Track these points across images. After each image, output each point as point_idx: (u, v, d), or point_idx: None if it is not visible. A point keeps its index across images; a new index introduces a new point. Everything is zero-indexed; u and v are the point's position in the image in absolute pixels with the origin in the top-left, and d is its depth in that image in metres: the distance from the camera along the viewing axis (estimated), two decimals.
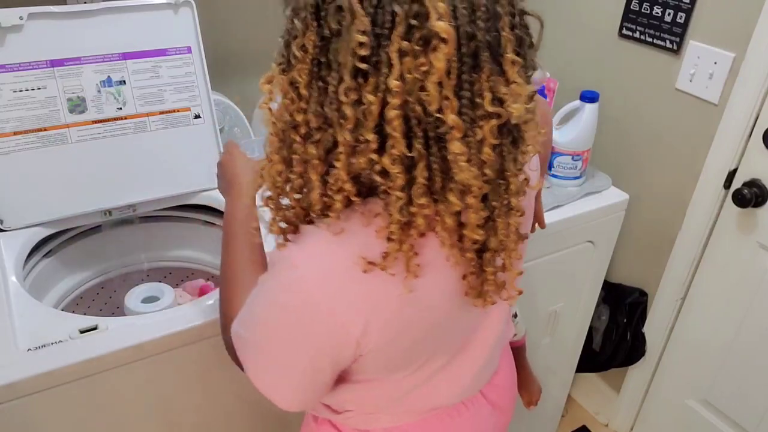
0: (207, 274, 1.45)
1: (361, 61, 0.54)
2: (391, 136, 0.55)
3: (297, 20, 0.57)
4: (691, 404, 1.69)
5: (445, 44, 0.52)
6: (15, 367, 0.88)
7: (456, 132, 0.55)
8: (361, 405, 0.79)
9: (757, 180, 1.37)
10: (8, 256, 1.12)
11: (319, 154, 0.60)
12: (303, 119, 0.59)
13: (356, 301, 0.62)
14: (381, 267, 0.59)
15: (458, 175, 0.56)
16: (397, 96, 0.53)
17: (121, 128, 1.24)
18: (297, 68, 0.58)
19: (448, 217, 0.59)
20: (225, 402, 1.12)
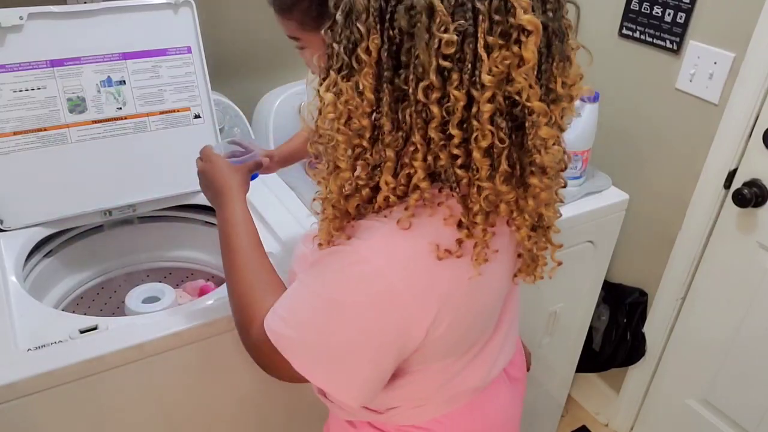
0: (207, 275, 1.45)
1: (445, 59, 0.54)
2: (480, 129, 0.56)
3: (358, 24, 0.57)
4: (691, 404, 1.69)
5: (532, 35, 0.54)
6: (15, 367, 0.88)
7: (543, 118, 0.57)
8: (409, 399, 0.78)
9: (757, 180, 1.37)
10: (8, 256, 1.12)
11: (392, 155, 0.60)
12: (368, 123, 0.59)
13: (431, 289, 0.63)
14: (456, 255, 0.61)
15: (540, 159, 0.58)
16: (488, 90, 0.54)
17: (121, 128, 1.24)
18: (362, 73, 0.57)
19: (530, 200, 0.61)
20: (225, 402, 1.12)
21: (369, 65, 0.57)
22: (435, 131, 0.57)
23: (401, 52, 0.56)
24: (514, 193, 0.61)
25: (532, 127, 0.57)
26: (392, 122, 0.58)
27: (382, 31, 0.56)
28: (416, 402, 0.78)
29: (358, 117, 0.59)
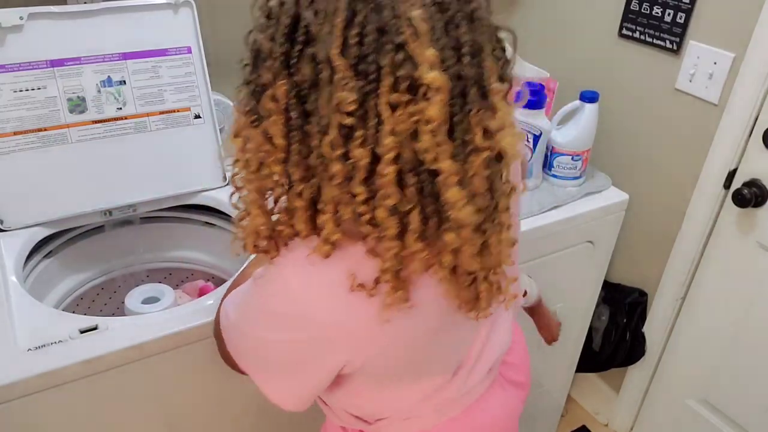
0: (207, 275, 1.45)
1: (348, 116, 0.50)
2: (384, 189, 0.52)
3: (264, 69, 0.54)
4: (691, 404, 1.69)
5: (438, 93, 0.50)
6: (15, 367, 0.88)
7: (452, 177, 0.53)
8: (395, 410, 0.78)
9: (757, 180, 1.37)
10: (8, 256, 1.12)
11: (305, 204, 0.57)
12: (281, 170, 0.56)
13: (341, 317, 0.61)
14: (370, 293, 0.58)
15: (456, 215, 0.54)
16: (392, 150, 0.51)
17: (122, 128, 1.24)
18: (271, 120, 0.54)
19: (446, 256, 0.57)
20: (225, 402, 1.12)
21: (277, 112, 0.54)
22: (337, 188, 0.53)
23: (308, 101, 0.53)
24: (428, 250, 0.56)
25: (441, 187, 0.53)
26: (302, 171, 0.55)
27: (288, 77, 0.52)
28: (403, 414, 0.78)
29: (269, 164, 0.56)
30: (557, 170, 1.48)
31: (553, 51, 1.73)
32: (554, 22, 1.72)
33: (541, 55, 1.73)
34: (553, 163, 1.48)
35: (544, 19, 1.75)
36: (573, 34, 1.67)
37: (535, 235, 1.35)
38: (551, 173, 1.49)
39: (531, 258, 1.40)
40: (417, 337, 0.66)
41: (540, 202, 1.41)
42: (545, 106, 1.45)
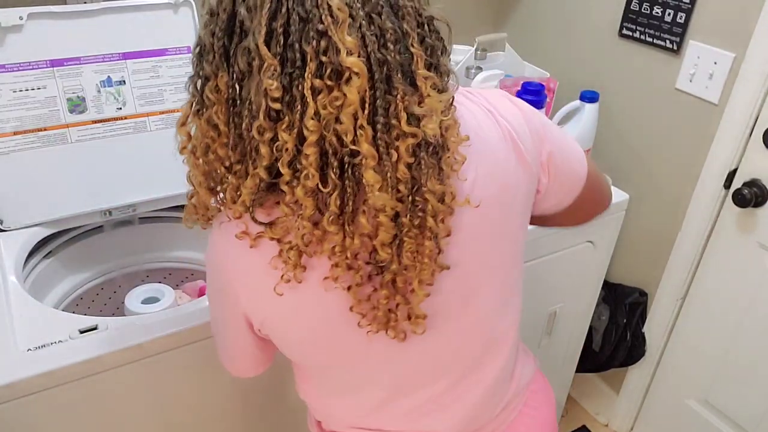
0: None
1: (274, 101, 0.54)
2: (306, 170, 0.55)
3: (206, 63, 0.57)
4: (691, 404, 1.69)
5: (357, 77, 0.53)
6: (15, 367, 0.88)
7: (370, 161, 0.55)
8: (341, 419, 0.82)
9: (757, 180, 1.37)
10: (8, 256, 1.12)
11: (238, 183, 0.60)
12: (225, 153, 0.60)
13: (242, 268, 0.66)
14: (251, 244, 0.62)
15: (373, 200, 0.56)
16: (313, 133, 0.54)
17: (121, 128, 1.24)
18: (214, 109, 0.58)
19: (356, 238, 0.58)
20: (225, 402, 1.12)
21: (219, 102, 0.58)
22: (263, 170, 0.57)
23: (242, 90, 0.56)
24: (342, 233, 0.58)
25: (359, 170, 0.56)
26: (238, 155, 0.59)
27: (228, 69, 0.56)
28: (348, 423, 0.81)
29: (215, 149, 0.60)
30: None
31: (553, 51, 1.73)
32: (554, 22, 1.72)
33: (541, 55, 1.73)
34: None
35: (544, 19, 1.75)
36: (573, 34, 1.67)
37: (535, 235, 1.35)
38: None
39: (531, 258, 1.40)
40: (316, 318, 0.67)
41: None
42: (545, 106, 1.45)
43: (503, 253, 0.74)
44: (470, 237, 0.67)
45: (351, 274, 0.61)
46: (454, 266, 0.65)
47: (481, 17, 1.88)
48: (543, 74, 1.59)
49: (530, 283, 1.47)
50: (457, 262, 0.66)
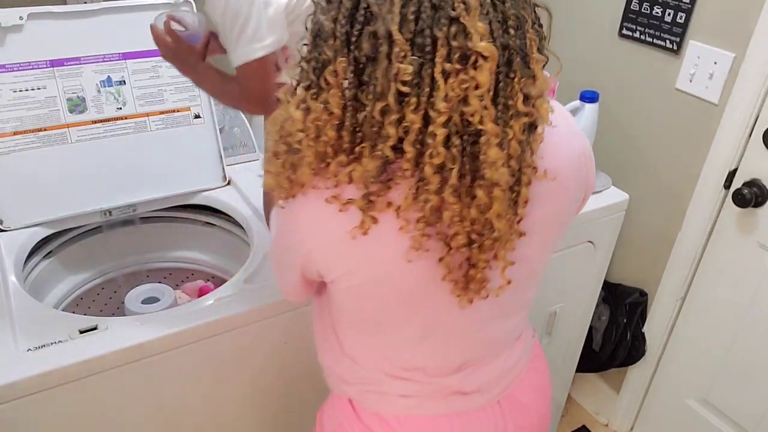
0: (207, 275, 1.45)
1: (404, 84, 0.56)
2: (433, 148, 0.58)
3: (326, 47, 0.59)
4: (691, 404, 1.69)
5: (487, 61, 0.56)
6: (15, 367, 0.88)
7: (494, 138, 0.59)
8: (361, 374, 0.83)
9: (757, 180, 1.37)
10: (8, 256, 1.12)
11: (351, 163, 0.63)
12: (335, 135, 0.62)
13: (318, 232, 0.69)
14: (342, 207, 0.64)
15: (490, 174, 0.60)
16: (444, 114, 0.57)
17: (121, 128, 1.24)
18: (330, 92, 0.60)
19: (473, 209, 0.62)
20: (224, 402, 1.12)
21: (336, 86, 0.60)
22: (388, 149, 0.59)
23: (364, 73, 0.59)
24: (460, 204, 0.62)
25: (483, 147, 0.59)
26: (351, 133, 0.61)
27: (348, 53, 0.59)
28: (371, 381, 0.82)
29: (325, 132, 0.62)
30: None
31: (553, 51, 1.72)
32: (554, 22, 1.71)
33: None
34: None
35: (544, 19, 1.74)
36: (573, 34, 1.67)
37: None
38: None
39: None
40: (399, 269, 0.69)
41: None
42: None
43: (558, 234, 0.81)
44: (541, 209, 0.72)
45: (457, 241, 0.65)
46: (529, 234, 0.70)
47: None
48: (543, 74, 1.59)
49: None
50: (530, 230, 0.70)
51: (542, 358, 0.97)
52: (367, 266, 0.69)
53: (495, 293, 0.70)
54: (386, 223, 0.64)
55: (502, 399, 0.87)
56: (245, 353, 1.08)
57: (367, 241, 0.65)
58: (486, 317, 0.79)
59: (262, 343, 1.09)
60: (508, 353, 0.87)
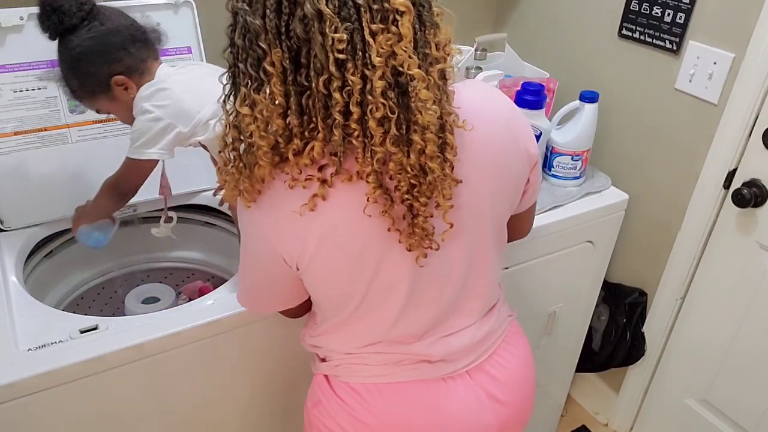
0: (207, 275, 1.45)
1: (340, 52, 0.63)
2: (374, 103, 0.65)
3: (260, 42, 0.65)
4: (691, 404, 1.69)
5: (404, 15, 0.64)
6: (15, 367, 0.88)
7: (421, 83, 0.66)
8: (334, 342, 0.89)
9: (757, 180, 1.37)
10: (8, 256, 1.12)
11: (299, 144, 0.69)
12: (282, 123, 0.68)
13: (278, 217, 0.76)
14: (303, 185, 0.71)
15: (422, 119, 0.67)
16: (379, 69, 0.64)
17: (121, 128, 1.24)
18: (272, 82, 0.66)
19: (413, 155, 0.69)
20: (225, 402, 1.12)
21: (276, 75, 0.65)
22: (338, 114, 0.66)
23: (300, 56, 0.65)
24: (400, 152, 0.68)
25: (413, 92, 0.66)
26: (299, 115, 0.67)
27: (280, 43, 0.64)
28: (342, 355, 0.89)
29: (274, 120, 0.68)
30: (557, 170, 1.48)
31: (553, 51, 1.73)
32: (554, 22, 1.72)
33: (541, 55, 1.73)
34: (552, 163, 1.48)
35: (544, 19, 1.75)
36: (573, 34, 1.67)
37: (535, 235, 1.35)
38: (551, 173, 1.49)
39: (531, 258, 1.41)
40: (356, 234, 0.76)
41: (540, 202, 1.41)
42: (545, 106, 1.45)
43: (502, 189, 0.85)
44: (473, 156, 0.77)
45: (395, 194, 0.72)
46: (465, 182, 0.76)
47: (481, 17, 1.88)
48: (543, 74, 1.59)
49: (530, 283, 1.47)
50: (466, 179, 0.76)
51: (522, 339, 1.01)
52: (325, 236, 0.74)
53: (441, 237, 0.76)
54: (339, 193, 0.72)
55: (471, 370, 0.91)
56: (245, 353, 1.08)
57: (322, 212, 0.72)
58: (444, 276, 0.84)
59: (262, 343, 1.09)
60: (477, 326, 0.91)
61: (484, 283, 0.90)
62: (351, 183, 0.71)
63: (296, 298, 0.89)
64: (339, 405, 0.89)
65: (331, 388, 0.90)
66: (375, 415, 0.87)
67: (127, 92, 1.05)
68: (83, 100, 1.08)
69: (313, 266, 0.78)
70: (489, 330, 0.92)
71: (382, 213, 0.72)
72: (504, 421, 0.93)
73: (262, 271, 0.84)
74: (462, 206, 0.77)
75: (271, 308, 0.95)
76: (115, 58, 1.02)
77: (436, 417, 0.88)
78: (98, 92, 1.04)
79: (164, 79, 1.05)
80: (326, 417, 0.90)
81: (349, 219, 0.74)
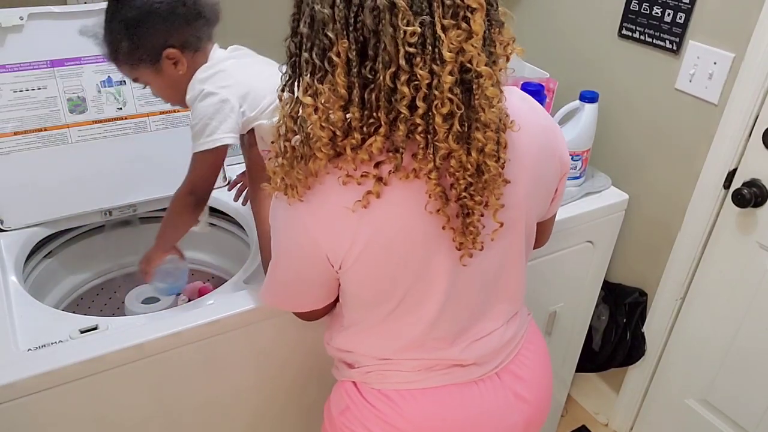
0: (207, 275, 1.45)
1: (410, 45, 0.62)
2: (441, 99, 0.64)
3: (327, 32, 0.64)
4: (691, 404, 1.69)
5: (476, 12, 0.64)
6: (15, 367, 0.88)
7: (488, 80, 0.66)
8: (364, 347, 0.88)
9: (757, 180, 1.37)
10: (8, 256, 1.12)
11: (359, 137, 0.68)
12: (342, 115, 0.67)
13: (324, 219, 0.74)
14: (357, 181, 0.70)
15: (485, 116, 0.67)
16: (449, 64, 0.63)
17: (122, 128, 1.24)
18: (336, 73, 0.64)
19: (474, 153, 0.69)
20: (225, 402, 1.12)
21: (341, 66, 0.64)
22: (404, 108, 0.65)
23: (368, 48, 0.64)
24: (461, 149, 0.68)
25: (479, 89, 0.66)
26: (360, 109, 0.66)
27: (347, 34, 0.63)
28: (374, 352, 0.87)
29: (335, 112, 0.67)
30: None
31: (553, 51, 1.73)
32: (554, 22, 1.72)
33: (541, 55, 1.73)
34: None
35: (544, 19, 1.75)
36: (573, 34, 1.67)
37: None
38: None
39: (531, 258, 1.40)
40: (406, 237, 0.75)
41: None
42: (545, 106, 1.45)
43: (537, 194, 0.85)
44: (517, 158, 0.77)
45: (452, 193, 0.71)
46: (512, 182, 0.76)
47: None
48: (543, 74, 1.59)
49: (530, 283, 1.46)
50: (513, 180, 0.76)
51: (539, 337, 1.02)
52: (375, 235, 0.73)
53: (491, 237, 0.77)
54: (393, 190, 0.70)
55: (500, 371, 0.91)
56: (245, 353, 1.08)
57: (374, 210, 0.71)
58: (480, 278, 0.84)
59: (263, 344, 1.09)
60: (504, 328, 0.91)
61: (514, 286, 0.90)
62: (406, 181, 0.70)
63: (325, 299, 0.86)
64: (370, 411, 0.87)
65: (360, 394, 0.89)
66: (408, 420, 0.86)
67: (176, 68, 0.98)
68: (124, 65, 0.99)
69: (358, 265, 0.76)
70: (514, 332, 0.93)
71: (437, 211, 0.72)
72: (528, 419, 0.94)
73: (297, 269, 0.81)
74: (506, 207, 0.77)
75: (297, 307, 0.91)
76: (176, 29, 0.95)
77: (469, 420, 0.88)
78: (146, 60, 0.97)
79: (222, 61, 1.00)
80: (356, 423, 0.88)
81: (401, 218, 0.73)
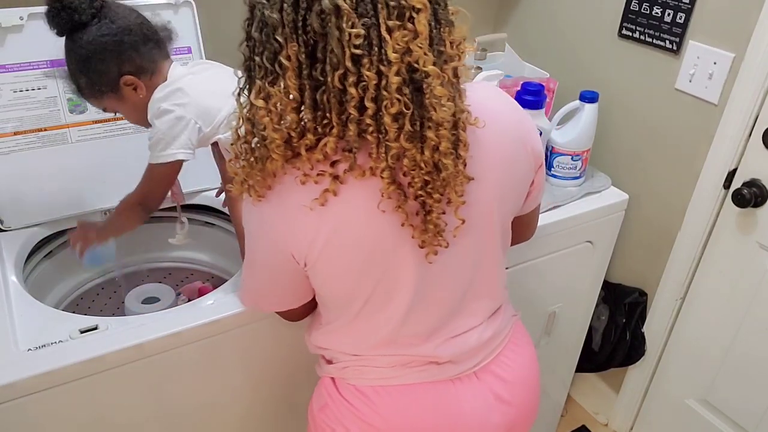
0: (206, 275, 1.45)
1: (356, 47, 0.63)
2: (390, 99, 0.65)
3: (276, 36, 0.65)
4: (691, 404, 1.69)
5: (421, 12, 0.64)
6: (15, 367, 0.88)
7: (436, 79, 0.67)
8: (342, 343, 0.89)
9: (757, 180, 1.37)
10: (8, 256, 1.12)
11: (313, 138, 0.70)
12: (296, 117, 0.69)
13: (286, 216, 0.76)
14: (314, 180, 0.71)
15: (437, 115, 0.68)
16: (395, 65, 0.64)
17: (121, 128, 1.24)
18: (287, 76, 0.66)
19: (427, 151, 0.69)
20: (225, 402, 1.12)
21: (291, 69, 0.66)
22: (353, 109, 0.66)
23: (317, 51, 0.65)
24: (414, 149, 0.69)
25: (428, 88, 0.66)
26: (312, 110, 0.68)
27: (297, 37, 0.65)
28: (349, 349, 0.89)
29: (288, 114, 0.68)
30: (557, 170, 1.48)
31: (553, 51, 1.73)
32: (554, 22, 1.72)
33: (541, 55, 1.73)
34: (552, 163, 1.48)
35: (544, 19, 1.75)
36: (573, 34, 1.67)
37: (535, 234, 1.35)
38: (551, 173, 1.49)
39: (531, 258, 1.41)
40: (368, 234, 0.76)
41: None
42: (545, 106, 1.45)
43: (509, 188, 0.85)
44: (483, 155, 0.78)
45: (409, 191, 0.72)
46: (475, 180, 0.76)
47: (481, 17, 1.88)
48: (543, 74, 1.59)
49: (530, 283, 1.47)
50: (476, 176, 0.76)
51: (526, 339, 1.01)
52: (334, 232, 0.75)
53: (452, 234, 0.77)
54: (350, 189, 0.72)
55: (479, 371, 0.91)
56: (245, 353, 1.08)
57: (333, 208, 0.72)
58: (451, 275, 0.84)
59: (263, 344, 1.09)
60: (484, 327, 0.91)
61: (491, 283, 0.90)
62: (363, 179, 0.71)
63: (301, 298, 0.88)
64: (346, 408, 0.88)
65: (337, 390, 0.90)
66: (383, 417, 0.87)
67: (136, 92, 1.02)
68: (90, 99, 1.05)
69: (322, 263, 0.77)
70: (495, 331, 0.92)
71: (395, 209, 0.73)
72: (511, 421, 0.93)
73: (268, 268, 0.84)
74: (471, 204, 0.77)
75: (274, 307, 0.94)
76: (127, 57, 0.99)
77: (444, 418, 0.88)
78: (106, 91, 1.02)
79: (179, 79, 1.04)
80: (333, 420, 0.90)
81: (360, 215, 0.74)
